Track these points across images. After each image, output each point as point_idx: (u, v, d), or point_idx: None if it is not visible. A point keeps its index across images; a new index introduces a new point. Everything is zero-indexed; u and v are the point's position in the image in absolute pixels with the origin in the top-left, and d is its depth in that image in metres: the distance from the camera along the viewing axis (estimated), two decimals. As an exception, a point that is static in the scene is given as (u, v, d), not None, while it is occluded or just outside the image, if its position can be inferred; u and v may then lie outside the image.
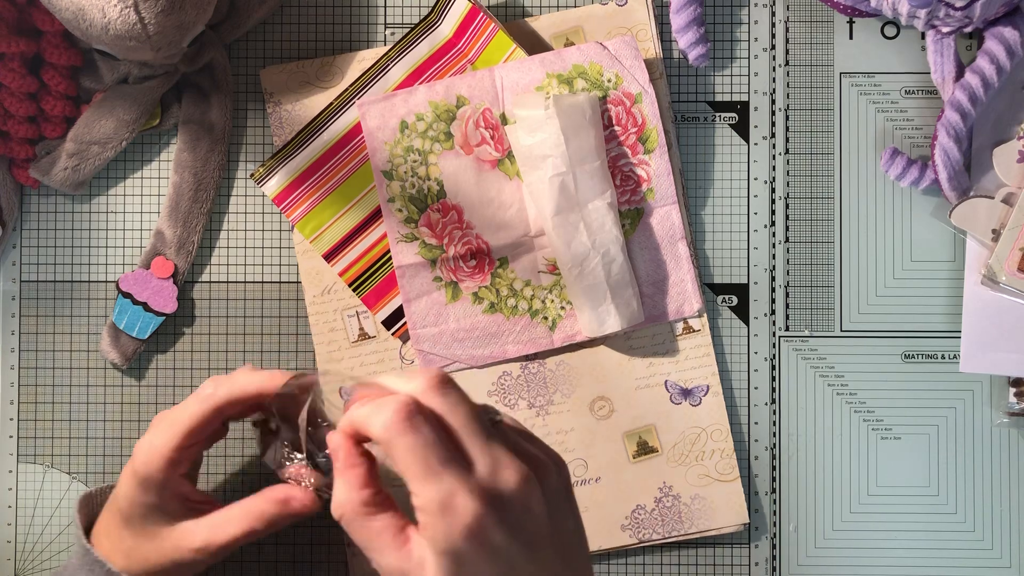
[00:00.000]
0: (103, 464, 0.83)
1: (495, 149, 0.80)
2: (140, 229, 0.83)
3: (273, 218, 0.83)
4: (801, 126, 0.83)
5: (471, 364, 0.82)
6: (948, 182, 0.79)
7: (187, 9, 0.74)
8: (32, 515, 0.83)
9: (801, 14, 0.83)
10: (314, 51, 0.83)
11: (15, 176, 0.82)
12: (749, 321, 0.83)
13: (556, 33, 0.82)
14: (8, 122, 0.80)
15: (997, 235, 0.79)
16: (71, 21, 0.74)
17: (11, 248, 0.83)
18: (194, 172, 0.82)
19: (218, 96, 0.82)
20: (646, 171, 0.81)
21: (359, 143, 0.81)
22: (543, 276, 0.81)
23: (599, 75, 0.79)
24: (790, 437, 0.83)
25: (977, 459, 0.82)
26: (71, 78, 0.80)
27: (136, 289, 0.82)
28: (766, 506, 0.82)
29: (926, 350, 0.82)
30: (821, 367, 0.82)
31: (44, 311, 0.83)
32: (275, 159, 0.82)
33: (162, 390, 0.83)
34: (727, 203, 0.83)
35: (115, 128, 0.80)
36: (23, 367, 0.83)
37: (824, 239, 0.83)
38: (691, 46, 0.81)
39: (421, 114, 0.80)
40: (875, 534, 0.82)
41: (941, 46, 0.79)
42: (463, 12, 0.80)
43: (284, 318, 0.83)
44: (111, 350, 0.82)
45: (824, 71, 0.83)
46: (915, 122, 0.82)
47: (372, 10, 0.83)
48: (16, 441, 0.83)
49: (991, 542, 0.82)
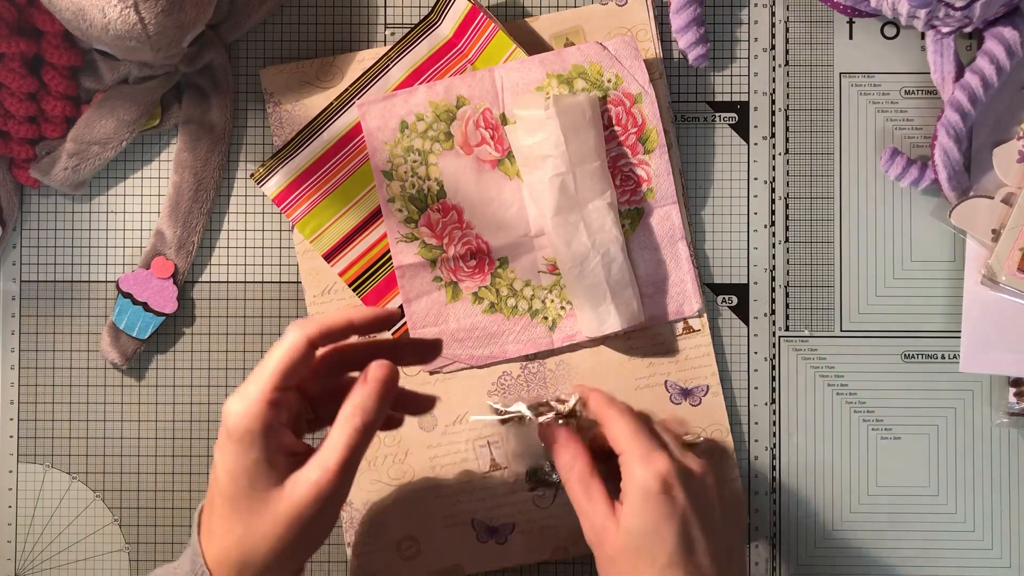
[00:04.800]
0: (103, 464, 0.83)
1: (495, 149, 0.80)
2: (140, 229, 0.83)
3: (273, 218, 0.83)
4: (801, 126, 0.83)
5: (471, 364, 0.82)
6: (948, 182, 0.79)
7: (187, 9, 0.74)
8: (32, 515, 0.83)
9: (801, 14, 0.83)
10: (314, 51, 0.83)
11: (15, 176, 0.82)
12: (749, 321, 0.83)
13: (556, 33, 0.82)
14: (8, 122, 0.80)
15: (997, 235, 0.79)
16: (71, 21, 0.74)
17: (11, 248, 0.83)
18: (194, 172, 0.82)
19: (218, 96, 0.82)
20: (646, 171, 0.81)
21: (359, 143, 0.81)
22: (543, 276, 0.81)
23: (599, 75, 0.79)
24: (790, 437, 0.83)
25: (977, 459, 0.82)
26: (71, 78, 0.80)
27: (136, 289, 0.82)
28: (766, 506, 0.82)
29: (926, 350, 0.82)
30: (821, 367, 0.82)
31: (44, 311, 0.83)
32: (275, 159, 0.82)
33: (162, 390, 0.83)
34: (727, 203, 0.83)
35: (115, 128, 0.80)
36: (23, 367, 0.83)
37: (824, 239, 0.83)
38: (691, 46, 0.81)
39: (421, 114, 0.80)
40: (875, 534, 0.82)
41: (941, 46, 0.79)
42: (463, 12, 0.80)
43: (284, 318, 0.83)
44: (111, 350, 0.82)
45: (824, 71, 0.83)
46: (915, 122, 0.82)
47: (372, 10, 0.83)
48: (16, 441, 0.83)
49: (991, 542, 0.82)
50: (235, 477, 0.64)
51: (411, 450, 0.83)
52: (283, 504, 0.64)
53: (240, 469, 0.64)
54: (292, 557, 0.66)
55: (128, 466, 0.83)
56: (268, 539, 0.64)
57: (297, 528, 0.64)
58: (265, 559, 0.65)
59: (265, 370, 0.64)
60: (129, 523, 0.84)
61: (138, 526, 0.84)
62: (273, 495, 0.64)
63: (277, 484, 0.64)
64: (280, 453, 0.65)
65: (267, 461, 0.64)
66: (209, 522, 0.67)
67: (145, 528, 0.83)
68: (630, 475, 0.69)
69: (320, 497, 0.64)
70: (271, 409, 0.64)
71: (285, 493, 0.64)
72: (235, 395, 0.64)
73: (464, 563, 0.82)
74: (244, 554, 0.65)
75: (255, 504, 0.64)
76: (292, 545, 0.65)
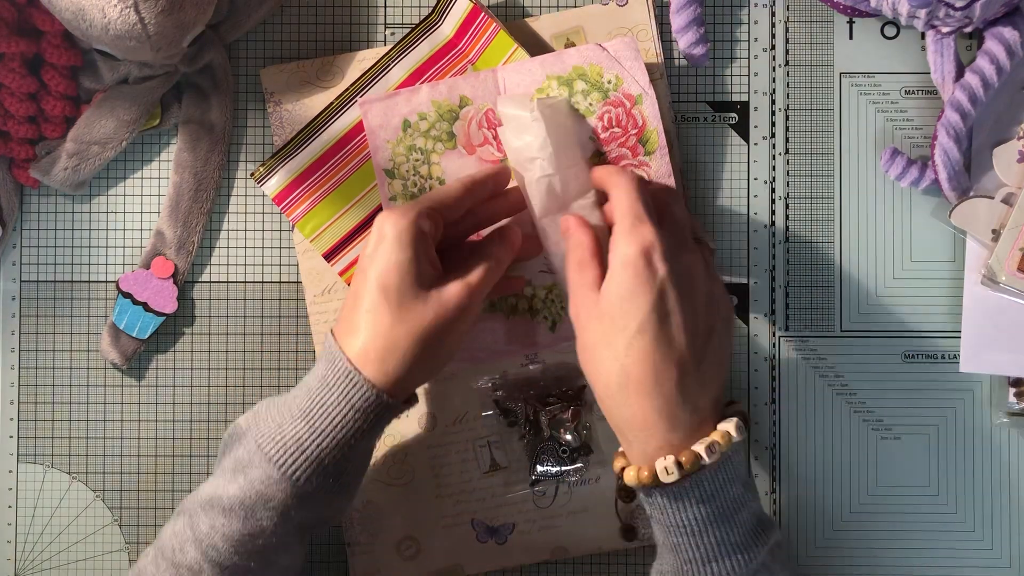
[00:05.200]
0: (103, 464, 0.83)
1: (497, 149, 0.80)
2: (140, 229, 0.83)
3: (273, 218, 0.83)
4: (801, 126, 0.83)
5: (471, 363, 0.82)
6: (948, 182, 0.79)
7: (187, 9, 0.74)
8: (32, 515, 0.83)
9: (801, 14, 0.83)
10: (314, 51, 0.83)
11: (15, 176, 0.82)
12: (749, 321, 0.83)
13: (556, 33, 0.82)
14: (8, 122, 0.80)
15: (997, 235, 0.79)
16: (71, 21, 0.74)
17: (11, 248, 0.83)
18: (194, 172, 0.82)
19: (218, 96, 0.82)
20: (647, 172, 0.80)
21: (359, 143, 0.81)
22: (543, 276, 0.81)
23: (599, 76, 0.79)
24: (790, 437, 0.83)
25: (977, 459, 0.82)
26: (71, 78, 0.80)
27: (136, 289, 0.82)
28: (766, 506, 0.83)
29: (926, 350, 0.82)
30: (821, 367, 0.83)
31: (44, 311, 0.83)
32: (275, 159, 0.82)
33: (162, 390, 0.83)
34: (727, 203, 0.83)
35: (115, 128, 0.80)
36: (23, 367, 0.83)
37: (824, 239, 0.83)
38: (691, 46, 0.81)
39: (424, 113, 0.80)
40: (875, 534, 0.82)
41: (941, 46, 0.79)
42: (464, 12, 0.80)
43: (284, 318, 0.83)
44: (111, 350, 0.82)
45: (824, 71, 0.83)
46: (915, 122, 0.82)
47: (372, 10, 0.83)
48: (16, 441, 0.83)
49: (991, 542, 0.82)
50: (387, 274, 0.70)
51: (411, 450, 0.83)
52: (430, 306, 0.70)
53: (393, 266, 0.70)
54: (424, 365, 0.71)
55: (128, 466, 0.83)
56: (411, 336, 0.70)
57: (436, 332, 0.70)
58: (404, 356, 0.70)
59: (422, 197, 0.73)
60: (129, 523, 0.83)
61: (138, 526, 0.83)
62: (420, 297, 0.70)
63: (424, 289, 0.70)
64: (426, 262, 0.71)
65: (417, 262, 0.70)
66: (348, 325, 0.71)
67: (145, 528, 0.83)
68: (615, 245, 0.69)
69: (460, 307, 0.70)
70: (424, 219, 0.71)
71: (432, 298, 0.70)
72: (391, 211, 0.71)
73: (464, 563, 0.82)
74: (387, 347, 0.70)
75: (405, 299, 0.70)
76: (428, 351, 0.70)
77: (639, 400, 0.67)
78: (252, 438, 0.70)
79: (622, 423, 0.69)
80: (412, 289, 0.70)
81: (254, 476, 0.69)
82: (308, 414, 0.69)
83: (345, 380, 0.69)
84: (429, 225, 0.71)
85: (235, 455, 0.70)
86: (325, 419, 0.69)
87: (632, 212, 0.70)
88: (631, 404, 0.68)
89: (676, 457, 0.67)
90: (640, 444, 0.68)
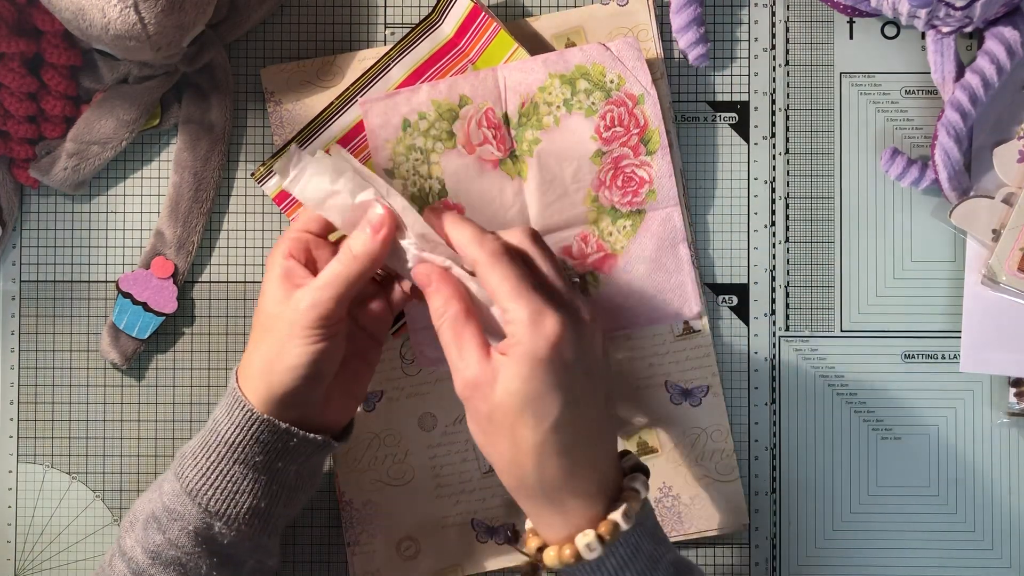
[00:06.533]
0: (103, 464, 0.83)
1: (497, 149, 0.80)
2: (140, 229, 0.83)
3: (273, 218, 0.83)
4: (801, 126, 0.83)
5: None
6: (948, 182, 0.80)
7: (187, 9, 0.74)
8: (32, 515, 0.83)
9: (801, 14, 0.83)
10: (314, 51, 0.83)
11: (15, 176, 0.82)
12: (749, 321, 0.83)
13: (557, 33, 0.82)
14: (8, 122, 0.80)
15: (997, 235, 0.79)
16: (71, 21, 0.74)
17: (11, 248, 0.83)
18: (194, 172, 0.82)
19: (218, 96, 0.82)
20: (648, 172, 0.80)
21: (359, 142, 0.81)
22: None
23: (602, 76, 0.79)
24: (790, 437, 0.83)
25: (977, 459, 0.82)
26: (71, 78, 0.80)
27: (136, 289, 0.82)
28: (766, 506, 0.83)
29: (926, 350, 0.82)
30: (821, 367, 0.83)
31: (44, 311, 0.83)
32: (275, 158, 0.82)
33: (162, 390, 0.83)
34: (727, 203, 0.83)
35: (115, 128, 0.80)
36: (23, 367, 0.83)
37: (824, 239, 0.83)
38: (691, 46, 0.81)
39: (424, 113, 0.80)
40: (875, 534, 0.82)
41: (941, 46, 0.79)
42: (465, 11, 0.80)
43: (284, 318, 0.83)
44: (111, 350, 0.82)
45: (824, 71, 0.83)
46: (915, 122, 0.83)
47: (372, 10, 0.83)
48: (16, 441, 0.83)
49: (991, 542, 0.82)
50: (259, 304, 0.71)
51: (411, 450, 0.82)
52: (286, 313, 0.69)
53: (262, 293, 0.71)
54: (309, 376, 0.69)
55: (128, 466, 0.83)
56: (283, 347, 0.69)
57: (302, 337, 0.69)
58: (283, 375, 0.69)
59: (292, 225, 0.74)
60: (129, 523, 0.83)
61: (138, 526, 0.83)
62: (285, 308, 0.69)
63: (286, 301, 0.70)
64: (293, 280, 0.70)
65: (284, 279, 0.70)
66: (244, 369, 0.72)
67: (145, 528, 0.83)
68: (515, 339, 0.65)
69: (313, 304, 0.68)
70: (289, 244, 0.72)
71: (291, 305, 0.69)
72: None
73: (464, 563, 0.82)
74: (267, 368, 0.70)
75: (273, 321, 0.70)
76: (305, 360, 0.69)
77: (554, 487, 0.66)
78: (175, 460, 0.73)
79: (532, 506, 0.68)
80: (277, 310, 0.70)
81: (166, 489, 0.72)
82: (203, 430, 0.72)
83: (230, 396, 0.71)
84: (299, 251, 0.72)
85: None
86: (215, 433, 0.71)
87: (525, 297, 0.65)
88: (546, 491, 0.67)
89: (596, 532, 0.66)
90: (557, 519, 0.67)
